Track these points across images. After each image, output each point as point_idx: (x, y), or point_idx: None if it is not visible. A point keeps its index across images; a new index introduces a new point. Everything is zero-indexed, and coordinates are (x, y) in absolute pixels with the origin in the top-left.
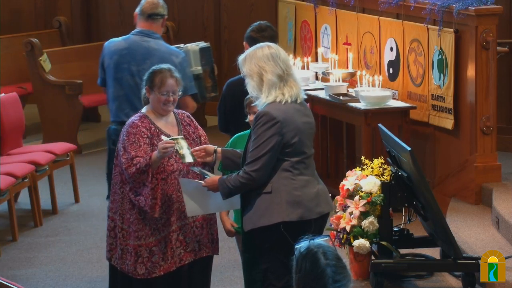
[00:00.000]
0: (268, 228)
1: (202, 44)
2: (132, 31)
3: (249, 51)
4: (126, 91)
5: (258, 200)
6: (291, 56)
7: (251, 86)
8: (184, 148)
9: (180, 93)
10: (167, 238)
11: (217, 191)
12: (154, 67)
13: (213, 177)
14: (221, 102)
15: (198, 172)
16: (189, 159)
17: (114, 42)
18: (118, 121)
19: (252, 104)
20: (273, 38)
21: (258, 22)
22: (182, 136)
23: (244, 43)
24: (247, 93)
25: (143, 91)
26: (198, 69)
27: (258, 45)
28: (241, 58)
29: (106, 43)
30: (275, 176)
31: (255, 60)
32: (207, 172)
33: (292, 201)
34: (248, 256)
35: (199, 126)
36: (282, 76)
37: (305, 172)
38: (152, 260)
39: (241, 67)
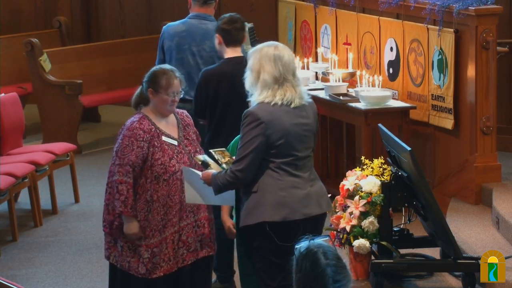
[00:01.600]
0: (255, 227)
1: (248, 25)
2: (188, 15)
3: (259, 46)
4: (187, 70)
5: (247, 198)
6: None
7: (248, 80)
8: (227, 157)
9: (182, 92)
10: (168, 239)
11: (211, 185)
12: (154, 69)
13: (208, 171)
14: (197, 90)
15: (202, 160)
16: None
17: (173, 26)
18: (181, 99)
19: (247, 99)
20: (243, 29)
21: (229, 14)
22: (225, 149)
23: (217, 35)
24: (222, 82)
25: (137, 91)
26: (248, 47)
27: (268, 42)
28: (250, 51)
29: (165, 27)
30: (262, 176)
31: (259, 56)
32: (209, 163)
33: (276, 201)
34: (242, 250)
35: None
36: (278, 79)
37: (295, 173)
38: (153, 261)
39: (248, 59)
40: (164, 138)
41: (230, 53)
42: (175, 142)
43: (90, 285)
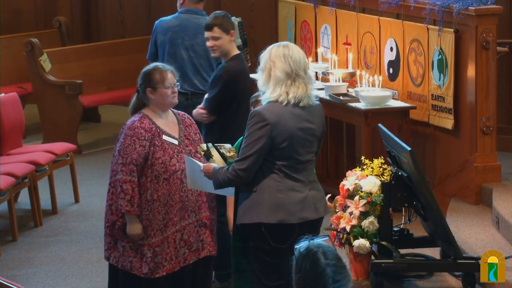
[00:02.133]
0: (252, 227)
1: (238, 19)
2: (180, 10)
3: (269, 47)
4: (180, 64)
5: (245, 197)
6: None
7: (261, 80)
8: (232, 152)
9: (178, 84)
10: (170, 238)
11: (211, 179)
12: (144, 70)
13: (209, 165)
14: (225, 87)
15: (205, 150)
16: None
17: (166, 21)
18: None
19: (259, 98)
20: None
21: (217, 12)
22: (230, 145)
23: (232, 31)
24: (247, 79)
25: (134, 98)
26: (238, 41)
27: (279, 42)
28: (262, 53)
29: (157, 22)
30: (262, 176)
31: (269, 56)
32: (212, 154)
33: (274, 203)
34: (239, 246)
35: (198, 130)
36: (290, 74)
37: (295, 176)
38: (155, 260)
39: (260, 61)
40: (164, 137)
41: (236, 49)
42: (176, 142)
43: (90, 285)
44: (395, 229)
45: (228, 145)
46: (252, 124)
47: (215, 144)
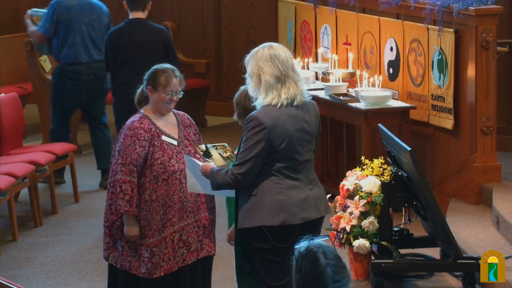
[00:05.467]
0: (252, 230)
1: None
2: None
3: (253, 50)
4: (82, 38)
5: (245, 200)
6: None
7: (251, 86)
8: (229, 152)
9: (181, 93)
10: (168, 238)
11: (209, 179)
12: (156, 67)
13: (207, 164)
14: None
15: (203, 150)
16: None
17: (65, 1)
18: (76, 62)
19: (252, 104)
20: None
21: None
22: (225, 143)
23: (124, 2)
24: None
25: (139, 90)
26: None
27: (261, 45)
28: (246, 58)
29: (54, 2)
30: (261, 179)
31: (256, 60)
32: (212, 153)
33: (275, 205)
34: (240, 249)
35: (197, 130)
36: (279, 77)
37: (295, 176)
38: (152, 260)
39: (246, 67)
40: (164, 137)
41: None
42: (175, 142)
43: (90, 285)
44: (395, 229)
45: (223, 144)
46: (249, 129)
47: (214, 144)
